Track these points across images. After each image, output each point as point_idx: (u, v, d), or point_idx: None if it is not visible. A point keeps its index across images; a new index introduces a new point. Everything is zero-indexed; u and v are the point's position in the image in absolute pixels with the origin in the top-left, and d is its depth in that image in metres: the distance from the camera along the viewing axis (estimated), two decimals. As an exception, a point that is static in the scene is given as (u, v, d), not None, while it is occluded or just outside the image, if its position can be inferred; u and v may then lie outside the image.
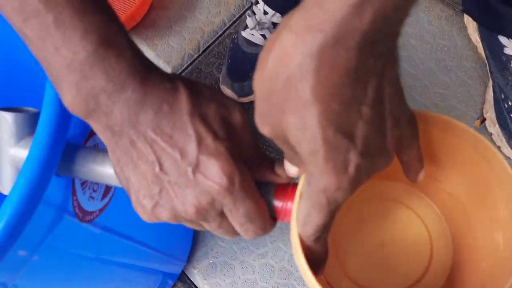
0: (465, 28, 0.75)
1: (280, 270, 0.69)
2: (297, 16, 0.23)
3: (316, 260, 0.31)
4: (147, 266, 0.60)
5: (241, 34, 0.75)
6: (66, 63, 0.27)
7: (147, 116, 0.27)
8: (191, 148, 0.28)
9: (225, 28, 0.85)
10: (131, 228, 0.52)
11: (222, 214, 0.30)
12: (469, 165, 0.35)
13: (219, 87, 0.77)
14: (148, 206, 0.30)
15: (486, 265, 0.36)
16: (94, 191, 0.42)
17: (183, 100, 0.28)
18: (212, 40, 0.85)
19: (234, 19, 0.83)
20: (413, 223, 0.42)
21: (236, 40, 0.77)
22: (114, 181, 0.34)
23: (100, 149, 0.36)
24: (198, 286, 0.70)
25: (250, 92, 0.74)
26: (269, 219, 0.32)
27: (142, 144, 0.28)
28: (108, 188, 0.44)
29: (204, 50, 0.85)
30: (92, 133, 0.40)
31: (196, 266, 0.70)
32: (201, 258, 0.70)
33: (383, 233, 0.42)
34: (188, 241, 0.72)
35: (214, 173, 0.28)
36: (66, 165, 0.35)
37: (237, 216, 0.30)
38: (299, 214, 0.29)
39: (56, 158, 0.33)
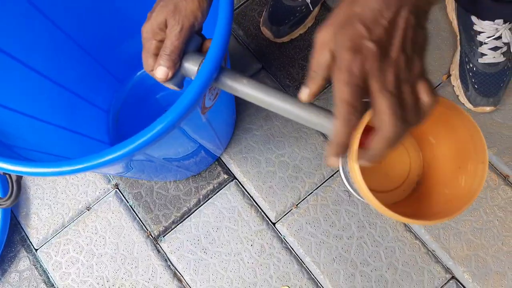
0: (445, 7, 0.90)
1: (293, 166, 0.84)
2: None
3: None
4: (207, 146, 0.72)
5: (282, -12, 0.86)
6: None
7: None
8: None
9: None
10: (215, 121, 0.64)
11: None
12: (457, 133, 0.44)
13: (259, 27, 0.90)
14: None
15: (448, 192, 0.46)
16: (211, 94, 0.51)
17: None
18: (257, -9, 0.95)
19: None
20: (402, 152, 0.53)
21: (278, -7, 0.87)
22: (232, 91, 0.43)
23: (231, 69, 0.44)
24: (233, 172, 0.85)
25: (283, 35, 0.88)
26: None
27: None
28: (215, 95, 0.53)
29: (251, -2, 0.95)
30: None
31: (233, 158, 0.85)
32: (236, 153, 0.86)
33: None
34: (228, 137, 0.86)
35: None
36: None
37: None
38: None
39: (212, 78, 0.42)
